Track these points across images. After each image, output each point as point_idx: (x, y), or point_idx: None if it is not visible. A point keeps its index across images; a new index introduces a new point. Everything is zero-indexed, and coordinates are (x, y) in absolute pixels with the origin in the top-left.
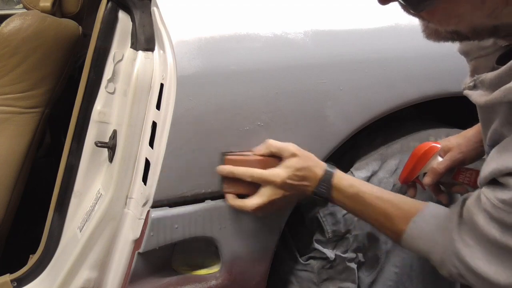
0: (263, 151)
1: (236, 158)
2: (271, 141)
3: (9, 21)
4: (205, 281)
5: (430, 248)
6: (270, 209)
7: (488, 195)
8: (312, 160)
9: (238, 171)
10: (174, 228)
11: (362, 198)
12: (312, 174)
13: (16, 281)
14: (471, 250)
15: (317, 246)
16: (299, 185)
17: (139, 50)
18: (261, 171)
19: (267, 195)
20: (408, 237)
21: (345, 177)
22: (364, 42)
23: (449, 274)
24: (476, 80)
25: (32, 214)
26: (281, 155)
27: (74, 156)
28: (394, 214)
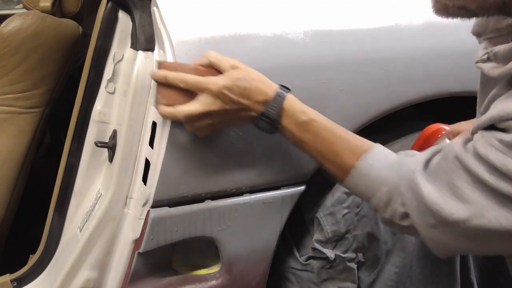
0: (202, 61)
1: (172, 64)
2: (211, 52)
3: (9, 21)
4: (205, 281)
5: (378, 185)
6: (205, 124)
7: (484, 134)
8: (260, 78)
9: (172, 76)
10: (174, 228)
11: (312, 127)
12: (258, 91)
13: (16, 281)
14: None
15: (317, 246)
16: (239, 100)
17: (139, 50)
18: (196, 77)
19: (202, 103)
20: (356, 173)
21: (297, 102)
22: (364, 42)
23: (391, 215)
24: (489, 52)
25: (32, 214)
26: (220, 66)
27: (74, 156)
28: (344, 148)
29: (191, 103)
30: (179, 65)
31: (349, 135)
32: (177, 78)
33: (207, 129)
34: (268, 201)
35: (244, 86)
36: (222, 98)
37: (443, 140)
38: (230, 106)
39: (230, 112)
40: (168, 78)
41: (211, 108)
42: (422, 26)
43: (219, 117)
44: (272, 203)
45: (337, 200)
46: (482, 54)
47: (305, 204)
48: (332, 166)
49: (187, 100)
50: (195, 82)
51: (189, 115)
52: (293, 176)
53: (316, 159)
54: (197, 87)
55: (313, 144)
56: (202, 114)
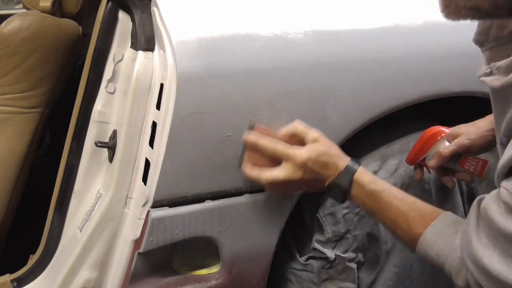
0: (289, 130)
1: (264, 130)
2: (298, 123)
3: (9, 21)
4: (205, 281)
5: (447, 253)
6: (285, 189)
7: (508, 186)
8: (336, 150)
9: (263, 142)
10: (174, 228)
11: (382, 197)
12: (334, 164)
13: (16, 281)
14: (487, 250)
15: (317, 246)
16: (319, 171)
17: (139, 50)
18: (285, 147)
19: (287, 171)
20: (425, 241)
21: (367, 174)
22: (364, 42)
23: (465, 283)
24: (492, 67)
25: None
26: (305, 137)
27: (74, 156)
28: (413, 216)
29: (276, 169)
30: (269, 131)
31: (418, 203)
32: (268, 145)
33: (284, 193)
34: (268, 201)
35: (324, 160)
36: (304, 169)
37: (442, 142)
38: (309, 176)
39: (309, 181)
40: (258, 144)
41: (293, 176)
42: (422, 26)
43: (298, 184)
44: (272, 203)
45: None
46: (485, 69)
47: (305, 204)
48: (403, 234)
49: (271, 163)
50: (283, 151)
51: (273, 180)
52: None
53: (387, 227)
54: (284, 156)
55: (384, 213)
56: (284, 181)
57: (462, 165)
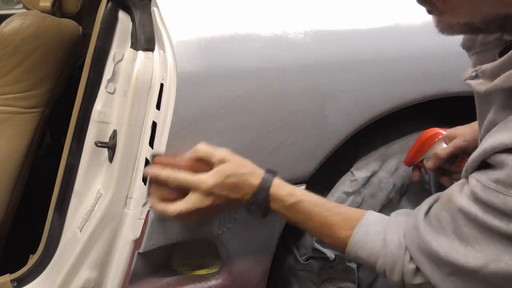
0: (192, 155)
1: (165, 160)
2: (200, 146)
3: (9, 21)
4: (205, 281)
5: (378, 251)
6: (197, 217)
7: (479, 178)
8: (247, 167)
9: (163, 174)
10: (174, 228)
11: (301, 207)
12: (246, 184)
13: (16, 281)
14: (437, 234)
15: (317, 246)
16: (228, 195)
17: (139, 50)
18: (186, 176)
19: (192, 202)
20: (354, 242)
21: (284, 186)
22: (364, 42)
23: (400, 275)
24: (477, 70)
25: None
26: (210, 160)
27: (74, 156)
28: (336, 220)
29: (181, 201)
30: (171, 160)
31: (340, 207)
32: (168, 177)
33: (198, 221)
34: None
35: (232, 182)
36: (212, 195)
37: (439, 144)
38: (219, 201)
39: (220, 206)
40: (159, 177)
41: (201, 205)
42: (422, 26)
43: (210, 211)
44: None
45: (337, 200)
46: (471, 72)
47: None
48: (331, 240)
49: (179, 194)
50: (185, 181)
51: (180, 213)
52: (293, 176)
53: (315, 236)
54: (188, 186)
55: (308, 223)
56: (193, 212)
57: (459, 166)
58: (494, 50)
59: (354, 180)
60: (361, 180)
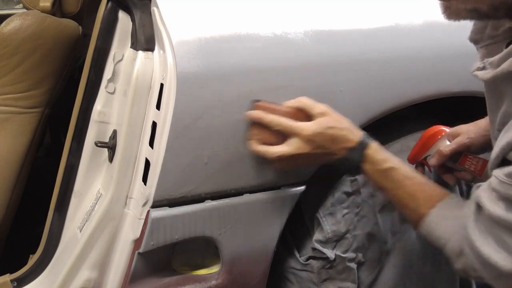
0: (294, 104)
1: (267, 106)
2: (303, 97)
3: (9, 21)
4: (205, 281)
5: (449, 237)
6: (293, 163)
7: (496, 174)
8: (346, 124)
9: (268, 118)
10: (174, 228)
11: (393, 175)
12: (345, 138)
13: (16, 281)
14: (481, 235)
15: (317, 246)
16: (327, 145)
17: (139, 50)
18: (291, 121)
19: (294, 146)
20: (428, 222)
21: (380, 150)
22: (364, 42)
23: (463, 266)
24: (485, 62)
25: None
26: (311, 111)
27: (74, 156)
28: (421, 196)
29: (283, 145)
30: (274, 107)
31: (428, 184)
32: (273, 121)
33: (292, 167)
34: (268, 201)
35: (332, 133)
36: (312, 143)
37: (443, 141)
38: (318, 151)
39: (317, 155)
40: (263, 119)
41: (301, 151)
42: (422, 26)
43: (306, 159)
44: (272, 203)
45: (337, 200)
46: (479, 64)
47: (305, 204)
48: (410, 212)
49: (278, 139)
50: (289, 126)
51: (281, 156)
52: (293, 176)
53: (395, 204)
54: (290, 131)
55: (394, 191)
56: (292, 156)
57: (462, 164)
58: (502, 42)
59: (354, 180)
60: (361, 180)
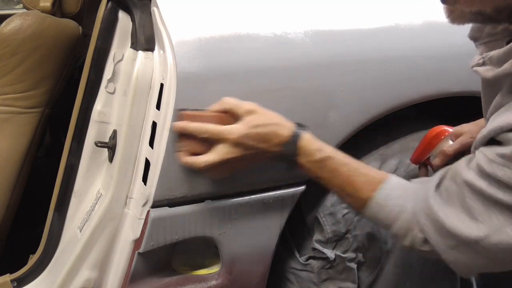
0: (218, 107)
1: (191, 114)
2: (227, 98)
3: (9, 21)
4: (205, 281)
5: (396, 215)
6: (226, 169)
7: (485, 152)
8: (275, 118)
9: (192, 126)
10: (174, 228)
11: (328, 164)
12: (275, 134)
13: (16, 281)
14: (444, 206)
15: (317, 246)
16: (258, 145)
17: (139, 50)
18: (215, 126)
19: (222, 152)
20: (374, 204)
21: (313, 140)
22: (364, 42)
23: (412, 242)
24: (484, 57)
25: (32, 214)
26: (237, 111)
27: (74, 156)
28: (359, 181)
29: (210, 153)
30: (198, 113)
31: (364, 168)
32: (196, 129)
33: (226, 172)
34: (268, 201)
35: (261, 132)
36: (240, 145)
37: (446, 141)
38: (248, 152)
39: (250, 156)
40: (187, 129)
41: (230, 156)
42: (422, 26)
43: (239, 162)
44: (272, 203)
45: (337, 200)
46: (478, 59)
47: (305, 204)
48: (352, 199)
49: (206, 147)
50: (214, 132)
51: (210, 165)
52: (293, 176)
53: (336, 193)
54: (217, 136)
55: (332, 180)
56: (221, 163)
57: None
58: (502, 40)
59: None
60: None
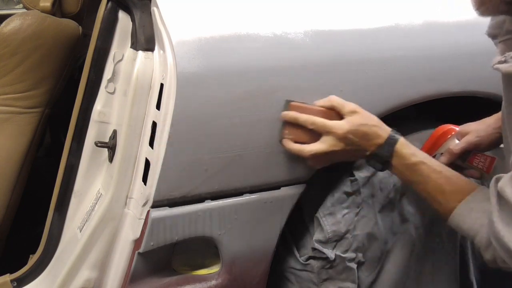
0: (325, 103)
1: (301, 106)
2: (333, 96)
3: (9, 21)
4: (205, 281)
5: (477, 229)
6: (326, 160)
7: None
8: (375, 120)
9: (302, 117)
10: (174, 228)
11: (421, 169)
12: (375, 134)
13: (16, 281)
14: (506, 227)
15: (317, 246)
16: (359, 142)
17: (139, 50)
18: (324, 120)
19: (328, 144)
20: (457, 215)
21: (408, 145)
22: (364, 42)
23: (492, 257)
24: (507, 56)
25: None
26: (342, 110)
27: (74, 156)
28: (449, 190)
29: (317, 143)
30: (307, 106)
31: (455, 177)
32: (308, 120)
33: (324, 164)
34: (268, 201)
35: (365, 131)
36: (345, 140)
37: (452, 140)
38: (350, 147)
39: (349, 151)
40: (299, 119)
41: (334, 148)
42: (422, 26)
43: (339, 155)
44: (272, 203)
45: (337, 200)
46: (500, 58)
47: (305, 204)
48: (438, 205)
49: (311, 137)
50: (323, 125)
51: (315, 154)
52: (293, 176)
53: (424, 198)
54: (324, 129)
55: (423, 185)
56: (326, 154)
57: (471, 162)
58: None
59: (354, 180)
60: (361, 180)
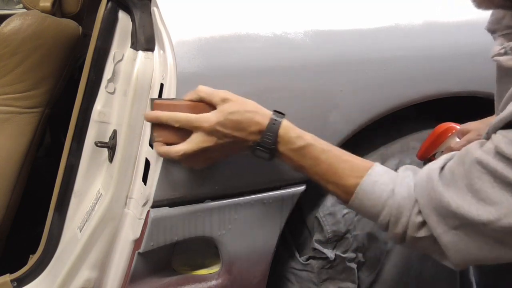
0: (192, 96)
1: (165, 103)
2: (201, 86)
3: (9, 21)
4: (205, 281)
5: (385, 200)
6: (203, 160)
7: (505, 134)
8: (252, 106)
9: (164, 116)
10: (174, 228)
11: (310, 152)
12: (252, 122)
13: (16, 281)
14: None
15: (317, 246)
16: (234, 133)
17: (139, 50)
18: (188, 115)
19: (196, 141)
20: (361, 191)
21: (293, 128)
22: (364, 42)
23: (404, 228)
24: (506, 47)
25: (32, 214)
26: (212, 100)
27: (74, 156)
28: (343, 168)
29: (185, 142)
30: (172, 102)
31: (347, 155)
32: (170, 118)
33: (203, 163)
34: (268, 201)
35: (236, 119)
36: (215, 134)
37: (453, 138)
38: (224, 141)
39: (225, 145)
40: (160, 118)
41: (205, 145)
42: (422, 26)
43: (214, 152)
44: (272, 203)
45: (337, 200)
46: (499, 49)
47: (305, 204)
48: (336, 188)
49: (183, 137)
50: (187, 121)
51: (183, 154)
52: (293, 176)
53: (319, 183)
54: (191, 125)
55: (314, 168)
56: (197, 152)
57: None
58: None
59: None
60: None
